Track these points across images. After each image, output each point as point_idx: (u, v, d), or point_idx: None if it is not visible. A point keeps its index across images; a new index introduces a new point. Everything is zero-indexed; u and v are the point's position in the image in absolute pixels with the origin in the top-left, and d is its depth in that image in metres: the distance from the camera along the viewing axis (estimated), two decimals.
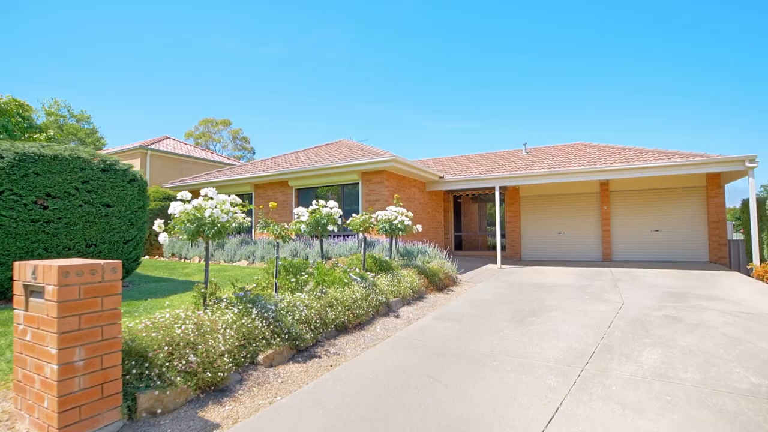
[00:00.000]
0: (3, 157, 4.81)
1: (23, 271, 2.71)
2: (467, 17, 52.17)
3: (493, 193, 13.99)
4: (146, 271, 9.87)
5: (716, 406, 3.18)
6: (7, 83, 44.98)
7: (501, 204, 15.03)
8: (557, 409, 3.13)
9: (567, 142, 17.20)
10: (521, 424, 2.89)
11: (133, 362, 2.94)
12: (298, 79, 70.84)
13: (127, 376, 2.88)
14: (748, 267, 9.53)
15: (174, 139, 23.12)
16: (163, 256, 13.18)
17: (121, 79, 62.93)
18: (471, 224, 18.44)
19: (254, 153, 55.36)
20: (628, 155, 12.60)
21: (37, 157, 5.05)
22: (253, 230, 13.13)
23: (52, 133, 10.80)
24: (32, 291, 2.68)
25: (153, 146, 19.63)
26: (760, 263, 9.22)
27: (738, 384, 3.57)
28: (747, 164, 9.44)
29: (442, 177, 13.56)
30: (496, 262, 12.42)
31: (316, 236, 11.52)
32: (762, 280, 8.68)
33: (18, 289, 2.74)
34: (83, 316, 2.56)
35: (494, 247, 13.78)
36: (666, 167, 10.85)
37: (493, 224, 15.93)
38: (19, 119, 10.12)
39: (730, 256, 12.02)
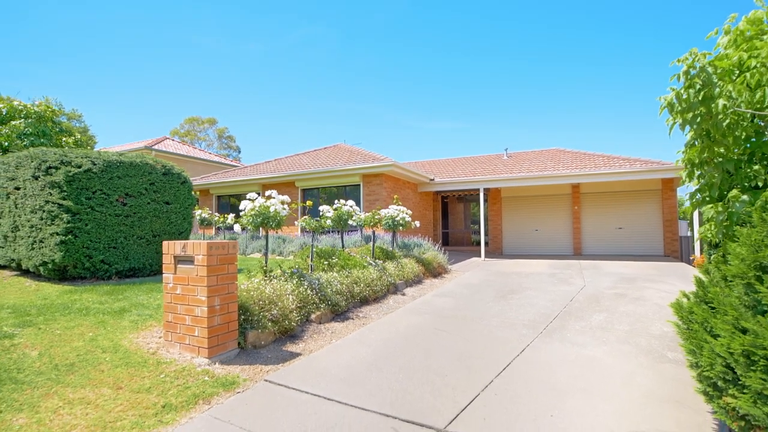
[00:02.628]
0: (95, 164, 5.98)
1: (173, 247, 4.00)
2: (453, 17, 53.74)
3: (478, 194, 15.53)
4: None
5: (634, 342, 4.68)
6: None
7: (485, 204, 16.58)
8: (528, 345, 4.59)
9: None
10: (504, 352, 4.33)
11: (240, 312, 4.26)
12: (282, 77, 71.38)
13: (239, 320, 4.19)
14: (691, 258, 11.30)
15: (173, 140, 23.98)
16: None
17: (105, 78, 62.49)
18: (457, 222, 19.99)
19: (240, 152, 55.77)
20: (596, 161, 14.33)
21: (118, 164, 6.24)
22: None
23: (78, 137, 11.75)
24: (179, 260, 3.98)
25: (155, 146, 20.52)
26: (701, 254, 10.98)
27: (653, 331, 5.10)
28: None
29: (433, 179, 15.03)
30: (480, 256, 13.97)
31: (333, 231, 12.78)
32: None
33: (168, 259, 4.03)
34: (219, 276, 3.87)
35: (478, 243, 15.33)
36: (627, 173, 12.59)
37: (477, 222, 17.51)
38: (52, 124, 11.07)
39: (681, 250, 13.84)
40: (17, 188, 6.15)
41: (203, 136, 53.76)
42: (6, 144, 9.75)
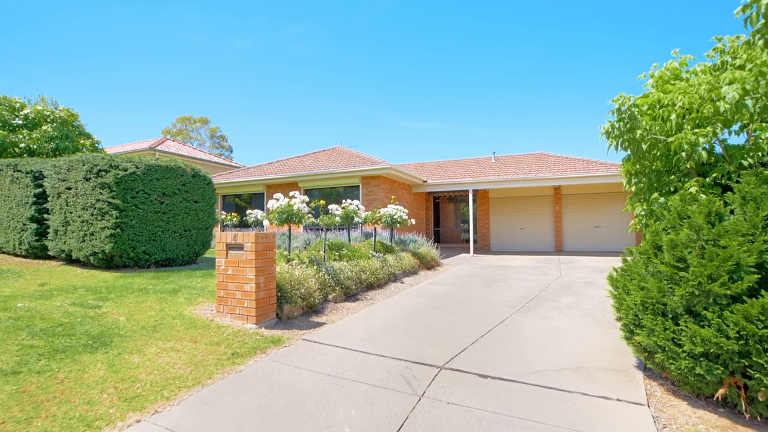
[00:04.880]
0: (138, 168, 6.92)
1: (225, 237, 5.00)
2: (444, 17, 54.81)
3: (467, 195, 16.67)
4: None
5: (593, 316, 5.80)
6: None
7: (473, 204, 17.74)
8: (507, 318, 5.68)
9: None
10: (487, 323, 5.41)
11: (276, 289, 5.27)
12: (274, 77, 71.85)
13: (276, 296, 5.21)
14: None
15: (173, 140, 24.72)
16: None
17: (95, 77, 62.46)
18: (448, 221, 21.14)
19: (231, 151, 56.23)
20: (576, 165, 15.56)
21: (156, 167, 7.17)
22: (265, 224, 15.27)
23: (96, 139, 12.56)
24: (230, 247, 4.98)
25: (158, 147, 21.30)
26: None
27: (609, 309, 6.22)
28: None
29: (425, 181, 16.12)
30: (469, 252, 15.10)
31: (336, 228, 13.69)
32: None
33: (220, 246, 5.02)
34: (263, 259, 4.88)
35: (467, 241, 16.47)
36: (604, 176, 13.85)
37: (466, 221, 18.67)
38: (72, 128, 11.85)
39: None
40: (68, 188, 7.04)
41: (195, 136, 54.09)
42: (34, 147, 10.56)
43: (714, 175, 3.88)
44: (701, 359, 2.89)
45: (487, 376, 3.65)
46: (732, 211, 3.28)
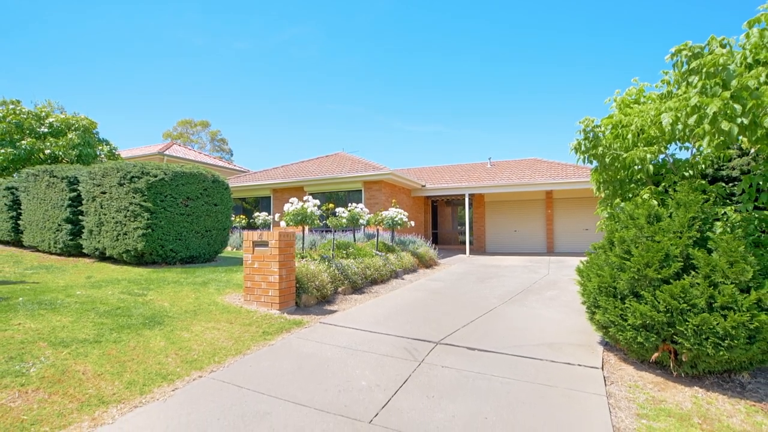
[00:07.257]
0: (166, 174, 7.71)
1: (251, 235, 5.79)
2: (444, 18, 55.65)
3: (464, 199, 17.48)
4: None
5: (571, 306, 6.60)
6: None
7: (470, 207, 18.56)
8: (496, 307, 6.47)
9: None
10: (479, 311, 6.21)
11: (295, 281, 6.06)
12: (272, 79, 72.70)
13: (295, 286, 5.99)
14: None
15: (180, 145, 25.50)
16: None
17: (95, 80, 63.25)
18: (445, 223, 21.95)
19: (232, 154, 56.99)
20: (567, 171, 16.40)
21: (182, 174, 7.97)
22: (272, 225, 16.04)
23: (114, 145, 13.32)
24: (256, 244, 5.77)
25: (167, 152, 22.06)
26: None
27: None
28: None
29: (424, 185, 16.93)
30: (465, 252, 15.90)
31: (340, 229, 14.41)
32: None
33: (247, 243, 5.81)
34: (285, 254, 5.67)
35: (464, 242, 17.26)
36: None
37: (463, 224, 19.45)
38: (91, 135, 12.62)
39: None
40: (103, 192, 7.81)
41: (196, 139, 54.77)
42: (59, 153, 11.34)
43: (663, 184, 4.69)
44: (641, 330, 3.68)
45: (475, 349, 4.44)
46: (671, 214, 4.08)
